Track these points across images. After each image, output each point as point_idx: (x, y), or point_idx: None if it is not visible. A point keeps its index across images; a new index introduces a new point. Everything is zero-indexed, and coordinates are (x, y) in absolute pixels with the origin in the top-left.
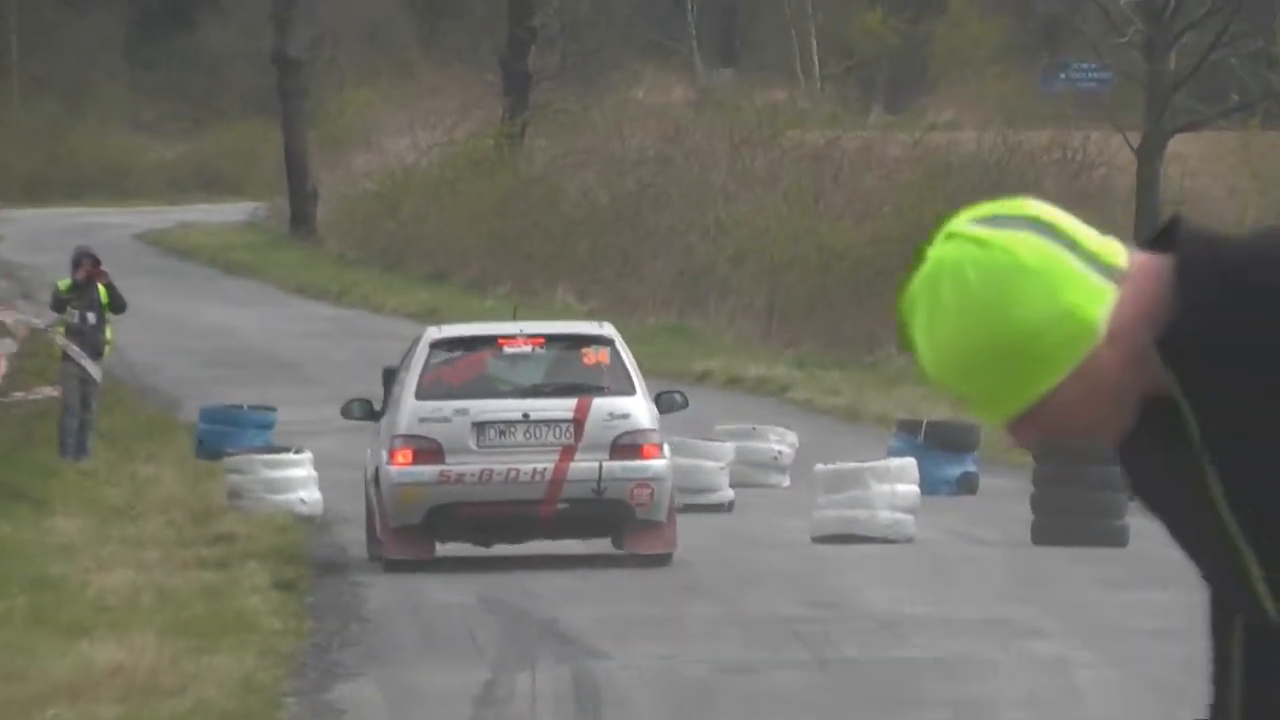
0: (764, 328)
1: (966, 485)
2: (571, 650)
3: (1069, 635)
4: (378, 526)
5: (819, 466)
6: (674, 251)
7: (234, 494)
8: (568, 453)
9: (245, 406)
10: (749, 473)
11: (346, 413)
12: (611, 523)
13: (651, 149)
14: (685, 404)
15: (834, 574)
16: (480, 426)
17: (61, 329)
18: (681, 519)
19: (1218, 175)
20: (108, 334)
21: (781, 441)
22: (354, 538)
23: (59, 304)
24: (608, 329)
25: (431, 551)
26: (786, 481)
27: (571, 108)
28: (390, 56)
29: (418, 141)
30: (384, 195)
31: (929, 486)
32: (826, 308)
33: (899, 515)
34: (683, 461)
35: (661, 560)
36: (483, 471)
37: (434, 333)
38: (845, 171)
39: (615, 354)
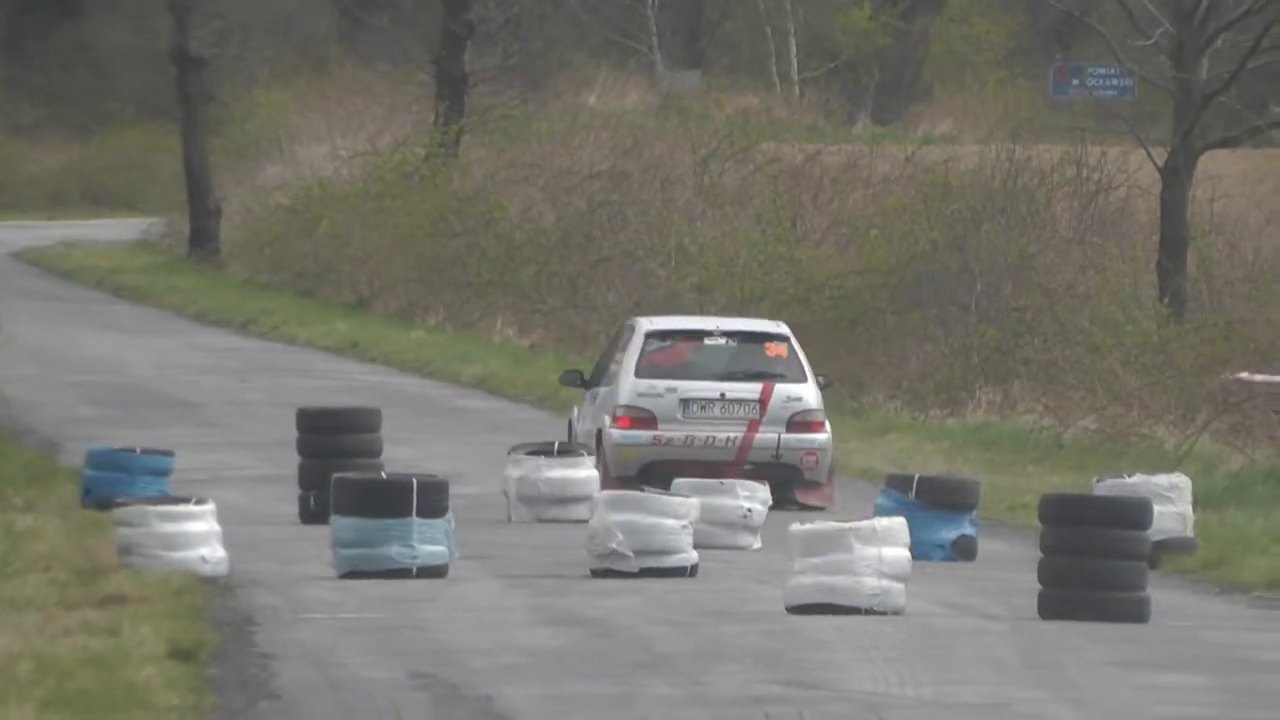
0: None
1: (964, 550)
2: None
3: None
4: (599, 473)
5: (795, 527)
6: (630, 279)
7: (125, 550)
8: (754, 425)
9: (138, 450)
10: (715, 533)
11: (563, 380)
12: (784, 480)
13: (605, 162)
14: (829, 384)
15: (812, 649)
16: (686, 402)
17: None
18: (636, 585)
19: (1256, 199)
20: None
21: (752, 498)
22: (263, 603)
23: None
24: (784, 328)
25: None
26: (757, 543)
27: (514, 114)
28: (306, 54)
29: (337, 151)
30: (298, 212)
31: (921, 550)
32: (805, 346)
33: (886, 583)
34: (639, 519)
35: (813, 512)
36: (687, 437)
37: (646, 325)
38: (827, 190)
39: (791, 349)
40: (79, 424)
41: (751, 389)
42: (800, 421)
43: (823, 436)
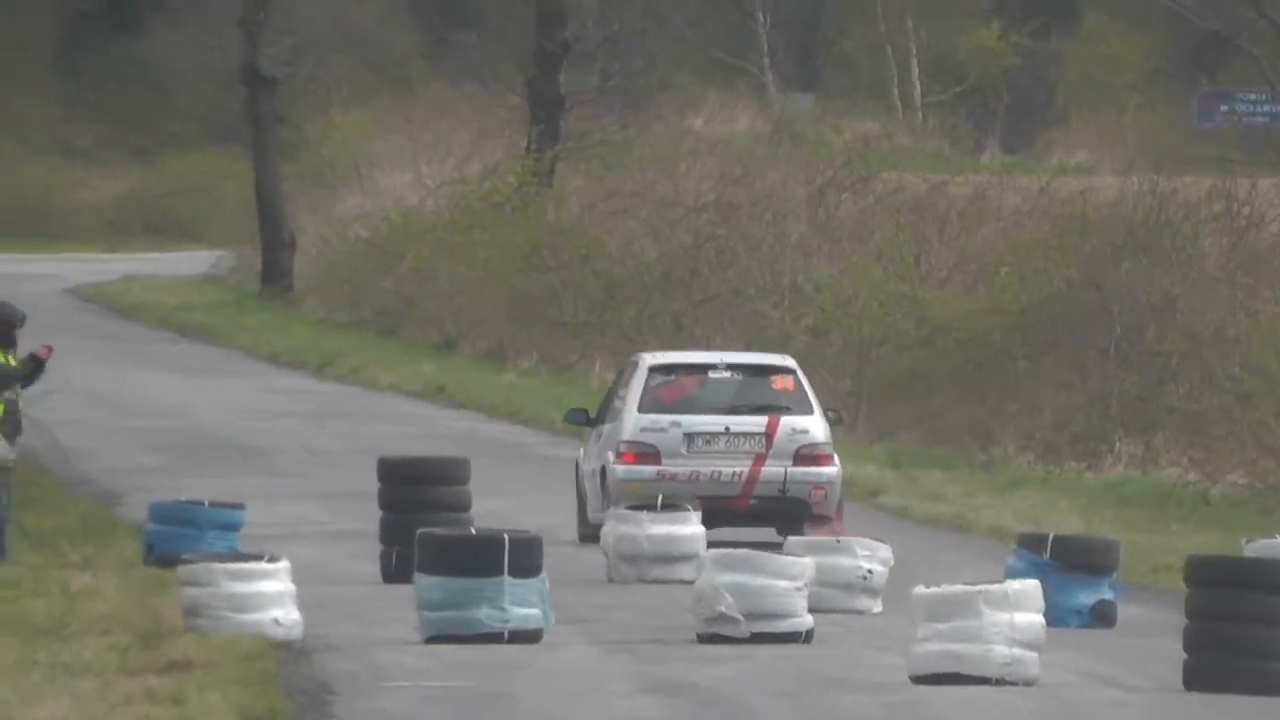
0: (850, 416)
1: (1102, 616)
2: None
3: None
4: (603, 517)
5: (919, 589)
6: (739, 320)
7: (191, 611)
8: (760, 460)
9: (206, 502)
10: (831, 595)
11: (567, 419)
12: (792, 516)
13: (712, 192)
14: (840, 420)
15: None
16: (690, 436)
17: None
18: (746, 651)
19: None
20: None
21: (871, 558)
22: (341, 669)
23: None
24: (790, 361)
25: None
26: (877, 607)
27: (613, 139)
28: (387, 73)
29: (421, 179)
30: (378, 244)
31: (1056, 616)
32: (928, 393)
33: (1018, 651)
34: (749, 580)
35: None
36: (692, 472)
37: (650, 359)
38: (953, 224)
39: (798, 381)
40: (141, 474)
41: (757, 422)
42: (807, 455)
43: (830, 470)
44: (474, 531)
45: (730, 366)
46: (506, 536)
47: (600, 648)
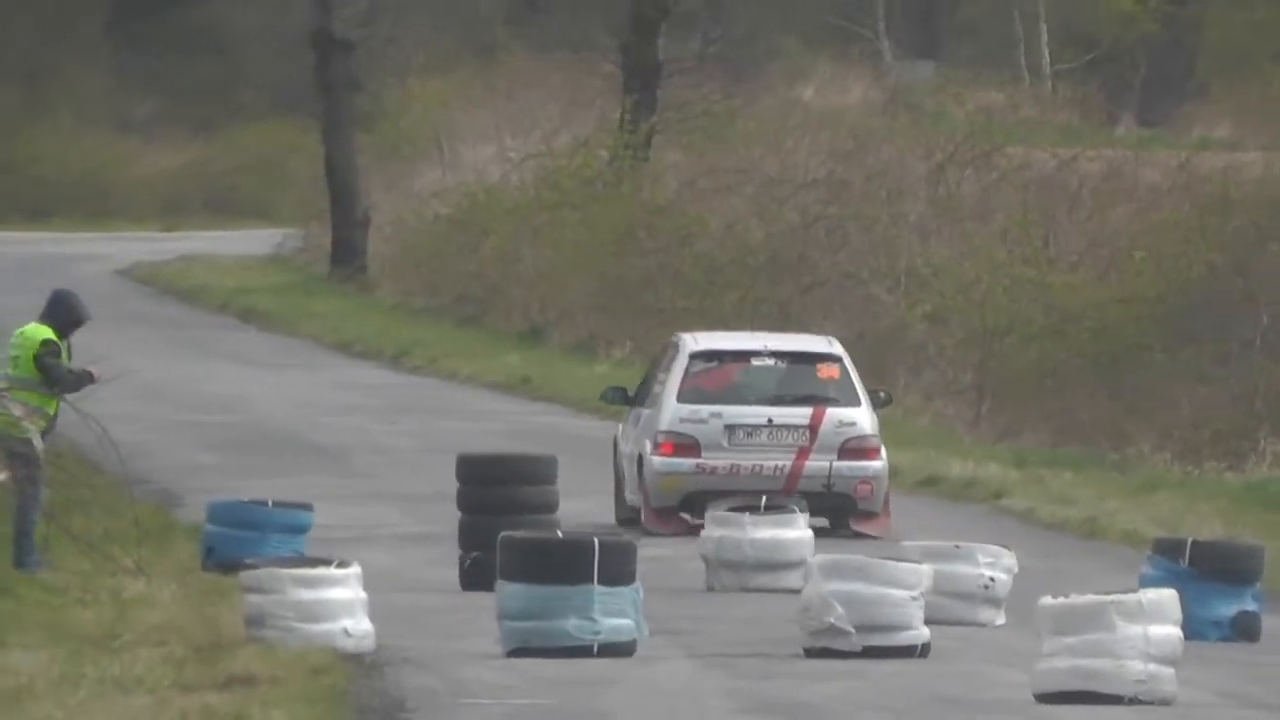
0: (971, 412)
1: (1245, 628)
2: None
3: None
4: (639, 501)
5: (1045, 600)
6: (851, 307)
7: (254, 621)
8: (804, 453)
9: (270, 503)
10: (950, 606)
11: (604, 398)
12: (837, 512)
13: (823, 168)
14: (889, 401)
15: None
16: (731, 428)
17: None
18: (857, 667)
19: None
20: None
21: (994, 565)
22: (417, 684)
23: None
24: (837, 347)
25: (685, 528)
26: (1001, 619)
27: (715, 110)
28: (470, 38)
29: (506, 152)
30: (460, 224)
31: (1194, 629)
32: (1056, 388)
33: (1154, 667)
34: (862, 589)
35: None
36: (732, 466)
37: (691, 343)
38: (1085, 204)
39: (844, 370)
40: (199, 472)
41: (801, 414)
42: (854, 448)
43: (878, 464)
44: (561, 534)
45: (774, 354)
46: (596, 540)
47: (698, 662)
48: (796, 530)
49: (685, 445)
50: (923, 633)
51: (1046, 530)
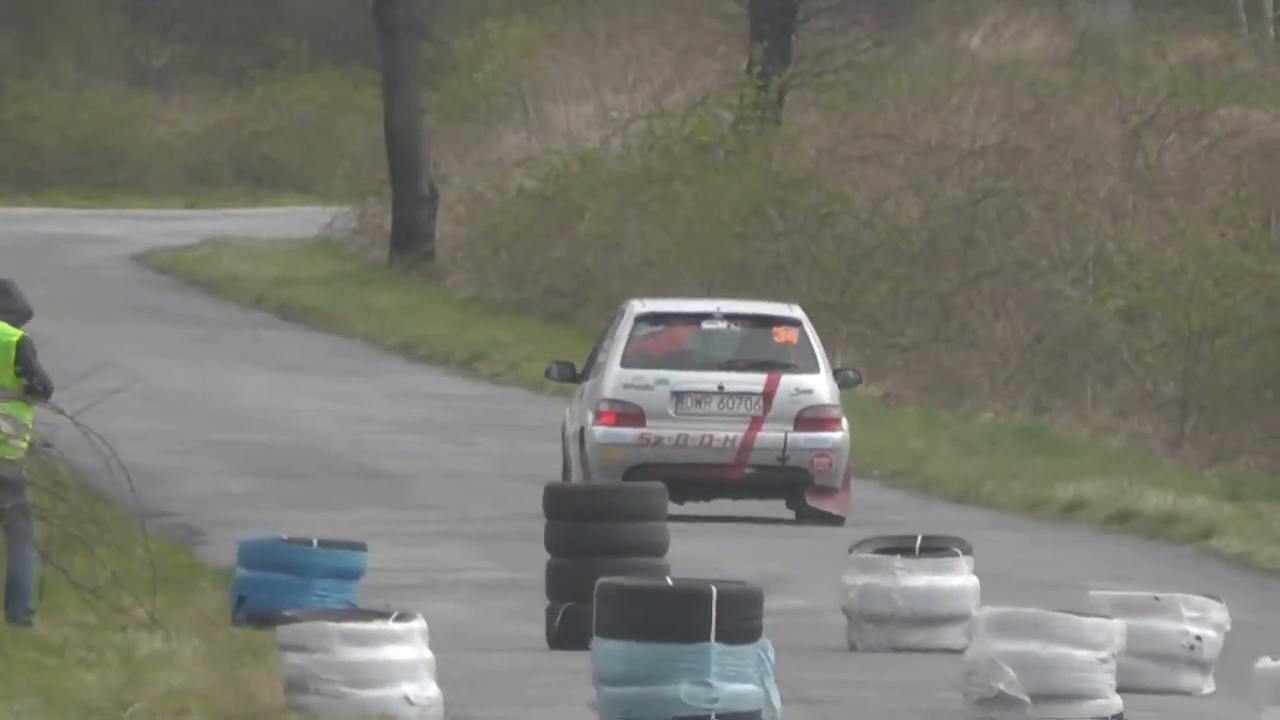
0: (1174, 431)
1: None
2: None
3: None
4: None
5: (1264, 662)
6: (1028, 302)
7: (296, 685)
8: (756, 423)
9: (315, 542)
10: (1147, 669)
11: (549, 374)
12: (792, 487)
13: (994, 134)
14: (858, 380)
15: None
16: (679, 395)
17: (16, 407)
18: None
19: None
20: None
21: (1201, 621)
22: None
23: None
24: (796, 311)
25: None
26: (1210, 685)
27: (863, 62)
28: None
29: (606, 112)
30: (549, 200)
31: None
32: (1279, 401)
33: None
34: (1038, 649)
35: (834, 522)
36: (679, 436)
37: (638, 306)
38: None
39: (803, 334)
40: (229, 503)
41: (755, 380)
42: (811, 418)
43: (836, 435)
44: (671, 582)
45: (727, 316)
46: (714, 589)
47: None
48: (958, 577)
49: (629, 414)
50: (1114, 702)
51: (1266, 577)
